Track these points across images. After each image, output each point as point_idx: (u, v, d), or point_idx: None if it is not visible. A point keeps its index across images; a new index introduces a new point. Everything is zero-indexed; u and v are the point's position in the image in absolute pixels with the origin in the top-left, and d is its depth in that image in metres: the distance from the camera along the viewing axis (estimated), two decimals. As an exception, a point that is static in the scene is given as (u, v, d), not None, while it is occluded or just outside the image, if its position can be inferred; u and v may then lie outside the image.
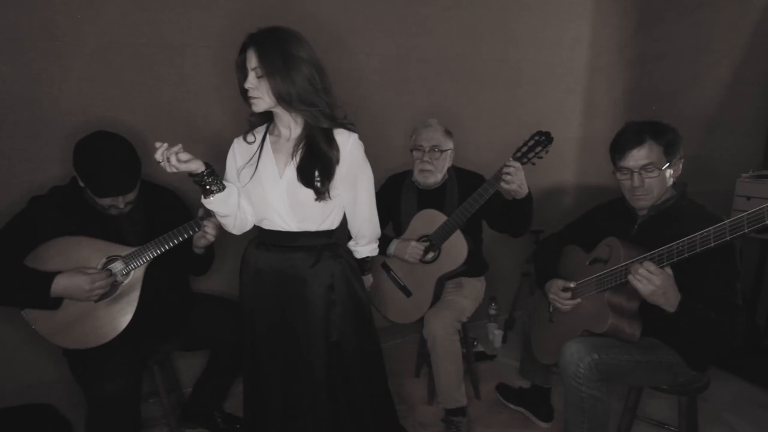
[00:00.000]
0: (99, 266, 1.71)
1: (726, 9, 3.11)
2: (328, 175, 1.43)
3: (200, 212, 1.78)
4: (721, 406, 2.27)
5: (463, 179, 2.20)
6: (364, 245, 1.68)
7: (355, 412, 1.58)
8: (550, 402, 2.20)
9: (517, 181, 1.86)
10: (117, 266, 1.73)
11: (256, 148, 1.51)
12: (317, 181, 1.43)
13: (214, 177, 1.43)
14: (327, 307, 1.51)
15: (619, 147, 1.67)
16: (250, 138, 1.53)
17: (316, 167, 1.43)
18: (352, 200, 1.55)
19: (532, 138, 1.94)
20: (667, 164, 1.62)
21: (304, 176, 1.43)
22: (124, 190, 1.70)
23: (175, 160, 1.34)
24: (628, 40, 3.01)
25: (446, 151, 2.15)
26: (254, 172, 1.49)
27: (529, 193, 1.93)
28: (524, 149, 1.93)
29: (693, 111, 3.19)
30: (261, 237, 1.58)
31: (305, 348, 1.52)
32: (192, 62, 2.14)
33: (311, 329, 1.51)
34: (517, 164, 1.87)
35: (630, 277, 1.48)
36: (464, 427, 2.09)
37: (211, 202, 1.46)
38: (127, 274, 1.75)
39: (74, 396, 1.86)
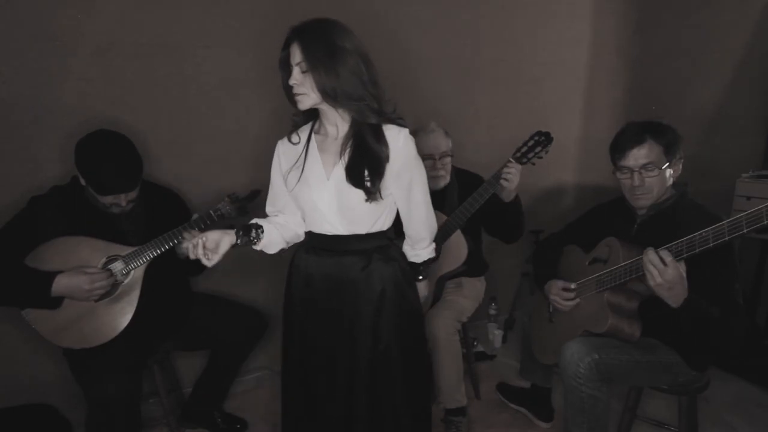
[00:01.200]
0: (99, 266, 1.71)
1: (726, 9, 3.11)
2: (378, 174, 1.35)
3: (195, 216, 1.80)
4: (721, 406, 2.26)
5: (463, 180, 2.20)
6: (424, 248, 1.58)
7: (395, 420, 1.50)
8: (550, 402, 2.20)
9: (515, 181, 1.88)
10: (117, 266, 1.73)
11: (301, 149, 1.44)
12: (367, 180, 1.34)
13: (248, 234, 1.43)
14: (377, 313, 1.44)
15: (619, 146, 1.68)
16: (294, 138, 1.45)
17: (365, 166, 1.34)
18: (407, 201, 1.46)
19: (531, 138, 1.94)
20: (667, 164, 1.62)
21: (353, 176, 1.35)
22: (127, 188, 1.70)
23: (206, 259, 1.35)
24: (628, 40, 3.01)
25: (451, 153, 2.15)
26: (301, 175, 1.42)
27: (518, 198, 1.99)
28: (524, 149, 1.94)
29: (693, 111, 3.19)
30: (311, 241, 1.52)
31: (352, 351, 1.46)
32: (192, 62, 2.14)
33: (359, 334, 1.45)
34: (518, 166, 1.90)
35: (645, 260, 1.42)
36: (464, 427, 2.09)
37: (262, 248, 1.49)
38: (127, 273, 1.75)
39: (74, 396, 1.86)
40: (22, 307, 1.68)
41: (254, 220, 1.50)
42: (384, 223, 1.47)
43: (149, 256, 1.74)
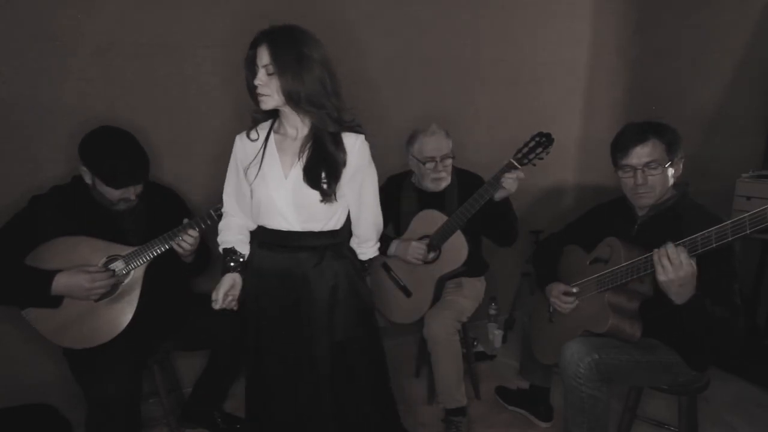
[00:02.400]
0: (99, 265, 1.71)
1: (726, 9, 3.11)
2: (335, 177, 1.42)
3: (185, 221, 1.78)
4: (721, 406, 2.26)
5: (463, 180, 2.19)
6: (370, 247, 1.64)
7: (358, 412, 1.57)
8: (549, 402, 2.20)
9: (515, 187, 1.92)
10: (117, 266, 1.73)
11: (259, 146, 1.48)
12: (324, 182, 1.41)
13: (239, 260, 1.57)
14: (331, 308, 1.49)
15: (622, 145, 1.67)
16: (253, 135, 1.49)
17: (322, 169, 1.41)
18: (358, 202, 1.53)
19: (532, 139, 1.94)
20: (669, 162, 1.62)
21: (311, 177, 1.41)
22: (139, 179, 1.73)
23: (230, 302, 1.52)
24: (628, 40, 3.01)
25: (452, 155, 2.15)
26: (258, 171, 1.46)
27: (507, 199, 2.02)
28: (525, 150, 1.94)
29: (693, 111, 3.19)
30: (264, 236, 1.55)
31: (309, 348, 1.50)
32: (192, 62, 2.14)
33: (315, 329, 1.49)
34: (520, 174, 1.92)
35: (655, 257, 1.41)
36: (464, 427, 2.09)
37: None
38: (127, 273, 1.75)
39: (74, 396, 1.86)
40: (22, 306, 1.68)
41: (223, 246, 1.57)
42: (337, 222, 1.52)
43: (149, 256, 1.74)
